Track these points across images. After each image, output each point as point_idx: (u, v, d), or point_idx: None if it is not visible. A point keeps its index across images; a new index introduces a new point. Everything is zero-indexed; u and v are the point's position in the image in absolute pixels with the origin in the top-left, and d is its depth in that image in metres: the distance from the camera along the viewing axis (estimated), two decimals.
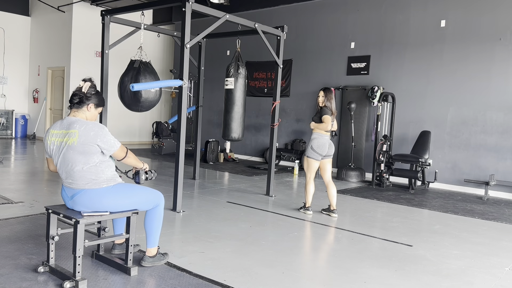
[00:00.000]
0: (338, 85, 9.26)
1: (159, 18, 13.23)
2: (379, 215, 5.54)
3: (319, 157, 5.16)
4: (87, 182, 2.84)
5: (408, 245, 4.20)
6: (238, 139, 6.23)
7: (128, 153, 3.01)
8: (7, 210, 4.65)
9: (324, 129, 5.11)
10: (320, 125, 5.12)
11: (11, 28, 12.88)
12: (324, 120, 5.07)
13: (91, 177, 2.85)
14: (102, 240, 3.17)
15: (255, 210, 5.36)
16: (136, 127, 13.59)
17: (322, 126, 5.10)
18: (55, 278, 2.90)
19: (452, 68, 7.87)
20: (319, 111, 5.22)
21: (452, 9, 7.88)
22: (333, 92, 5.32)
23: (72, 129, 2.82)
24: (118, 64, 8.71)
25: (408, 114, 8.35)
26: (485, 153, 7.53)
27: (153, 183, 6.97)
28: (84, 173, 2.83)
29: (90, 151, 2.81)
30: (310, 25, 9.80)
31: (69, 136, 2.81)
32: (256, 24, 5.85)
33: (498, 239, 4.62)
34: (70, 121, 2.88)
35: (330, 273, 3.34)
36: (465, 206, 6.35)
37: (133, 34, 6.20)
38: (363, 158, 8.84)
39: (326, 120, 5.06)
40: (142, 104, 5.80)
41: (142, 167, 3.18)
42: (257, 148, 10.84)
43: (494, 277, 3.47)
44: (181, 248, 3.72)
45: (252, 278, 3.13)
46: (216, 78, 10.93)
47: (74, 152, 2.80)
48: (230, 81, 6.03)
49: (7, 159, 8.50)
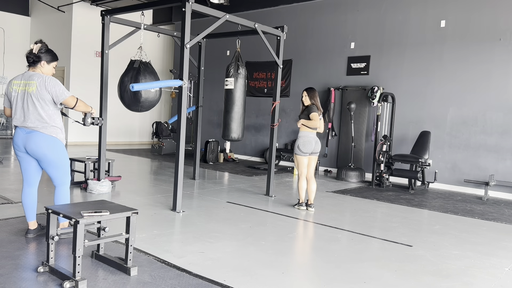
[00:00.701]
0: (338, 85, 9.26)
1: (159, 18, 13.23)
2: (379, 215, 5.54)
3: (306, 154, 5.36)
4: (40, 124, 3.48)
5: (408, 245, 4.20)
6: (238, 139, 6.24)
7: (78, 101, 3.60)
8: (7, 210, 4.65)
9: (314, 127, 5.27)
10: (309, 123, 5.27)
11: (11, 28, 12.89)
12: (313, 118, 5.23)
13: (44, 120, 3.49)
14: (102, 240, 3.17)
15: (255, 210, 5.36)
16: (136, 127, 13.59)
17: (311, 124, 5.25)
18: (54, 278, 2.90)
19: (452, 68, 7.87)
20: (306, 109, 5.37)
21: (452, 9, 7.88)
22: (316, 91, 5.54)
23: (31, 81, 3.50)
24: (118, 64, 8.72)
25: (408, 114, 8.35)
26: (485, 154, 7.53)
27: (153, 183, 6.97)
28: (38, 116, 3.48)
29: (45, 99, 3.48)
30: (310, 25, 9.80)
31: (29, 86, 3.50)
32: (256, 24, 5.85)
33: (498, 239, 4.62)
34: (30, 74, 3.55)
35: (330, 273, 3.34)
36: (465, 206, 6.36)
37: (133, 34, 6.20)
38: (363, 158, 8.83)
39: (315, 117, 5.22)
40: (142, 104, 5.80)
41: (90, 110, 3.72)
42: (257, 148, 10.84)
43: (494, 277, 3.47)
44: (181, 248, 3.72)
45: (252, 278, 3.13)
46: (216, 78, 10.93)
47: (33, 98, 3.48)
48: (230, 81, 6.03)
49: (7, 159, 8.50)
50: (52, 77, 3.56)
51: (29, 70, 3.61)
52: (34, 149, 3.52)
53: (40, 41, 3.64)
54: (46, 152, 3.53)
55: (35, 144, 3.51)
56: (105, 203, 3.24)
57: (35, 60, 3.57)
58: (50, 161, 3.57)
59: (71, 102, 3.57)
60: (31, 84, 3.49)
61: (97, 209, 3.02)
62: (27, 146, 3.53)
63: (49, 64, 3.64)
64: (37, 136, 3.51)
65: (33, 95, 3.47)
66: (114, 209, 3.07)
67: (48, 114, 3.51)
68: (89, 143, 11.99)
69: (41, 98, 3.46)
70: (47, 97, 3.48)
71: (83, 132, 11.83)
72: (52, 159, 3.57)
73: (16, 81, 3.59)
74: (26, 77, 3.55)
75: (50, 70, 3.65)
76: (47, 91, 3.47)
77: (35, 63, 3.58)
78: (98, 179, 5.95)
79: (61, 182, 3.69)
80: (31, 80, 3.50)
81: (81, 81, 11.89)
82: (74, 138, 11.97)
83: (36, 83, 3.47)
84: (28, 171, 3.68)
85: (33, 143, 3.51)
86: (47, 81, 3.49)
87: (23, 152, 3.60)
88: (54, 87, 3.49)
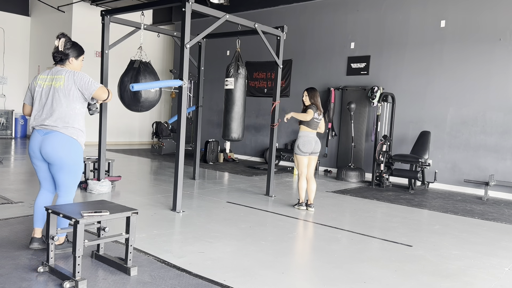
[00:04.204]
0: (338, 85, 9.26)
1: (159, 18, 13.23)
2: (378, 215, 5.54)
3: (306, 154, 5.40)
4: (61, 123, 3.19)
5: (408, 245, 4.20)
6: (238, 139, 6.24)
7: (110, 92, 3.32)
8: (7, 210, 4.65)
9: (303, 119, 5.34)
10: (299, 115, 5.36)
11: (11, 28, 12.88)
12: (307, 112, 5.33)
13: (67, 120, 3.20)
14: (102, 240, 3.17)
15: (255, 210, 5.36)
16: (136, 127, 13.58)
17: (301, 116, 5.34)
18: (54, 278, 2.90)
19: (452, 68, 7.87)
20: (306, 108, 5.47)
21: (452, 9, 7.88)
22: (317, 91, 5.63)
23: (59, 75, 3.24)
24: (118, 64, 8.71)
25: (408, 114, 8.35)
26: (485, 154, 7.53)
27: (153, 183, 6.97)
28: (62, 114, 3.19)
29: (73, 95, 3.21)
30: (310, 25, 9.80)
31: (56, 81, 3.23)
32: (256, 24, 5.85)
33: (498, 239, 4.62)
34: (58, 69, 3.29)
35: (330, 273, 3.34)
36: (464, 206, 6.35)
37: (133, 34, 6.20)
38: (363, 158, 8.83)
39: (309, 112, 5.33)
40: (142, 104, 5.80)
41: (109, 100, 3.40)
42: (257, 148, 10.84)
43: (494, 277, 3.47)
44: (181, 248, 3.72)
45: (252, 278, 3.13)
46: (216, 78, 10.93)
47: (60, 94, 3.21)
48: (230, 81, 6.03)
49: (7, 159, 8.50)
50: (80, 71, 3.30)
51: (56, 66, 3.34)
52: (49, 151, 3.18)
53: (63, 34, 3.32)
54: (62, 154, 3.19)
55: (51, 145, 3.17)
56: (105, 203, 3.24)
57: (63, 58, 3.29)
58: (64, 164, 3.22)
59: (102, 95, 3.25)
60: (58, 79, 3.22)
61: (97, 209, 3.01)
62: (43, 148, 3.20)
63: (77, 59, 3.36)
64: (55, 137, 3.18)
65: (60, 90, 3.19)
66: (114, 209, 3.06)
67: (74, 113, 3.22)
68: (89, 143, 11.96)
69: (68, 94, 3.19)
70: (76, 93, 3.20)
71: None
72: (67, 163, 3.22)
73: (43, 75, 3.31)
74: (54, 72, 3.28)
75: (79, 65, 3.38)
76: (76, 87, 3.20)
77: (63, 61, 3.30)
78: (98, 179, 5.95)
79: (68, 191, 3.33)
80: (59, 74, 3.24)
81: None
82: None
83: (64, 78, 3.20)
84: (47, 180, 3.39)
85: (49, 144, 3.18)
86: (76, 76, 3.22)
87: (40, 161, 3.27)
88: (82, 80, 3.21)
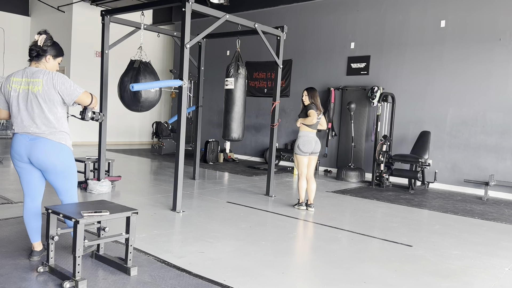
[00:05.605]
0: (338, 85, 9.26)
1: (159, 18, 13.23)
2: (379, 215, 5.54)
3: (306, 154, 5.40)
4: (47, 129, 3.03)
5: (408, 245, 4.20)
6: (238, 139, 6.24)
7: (94, 97, 3.20)
8: (7, 210, 4.65)
9: (310, 123, 5.31)
10: (305, 120, 5.33)
11: (11, 28, 12.88)
12: (310, 114, 5.29)
13: (52, 125, 3.04)
14: (102, 240, 3.17)
15: (255, 210, 5.36)
16: (136, 127, 13.59)
17: (307, 121, 5.31)
18: (54, 278, 2.90)
19: (452, 68, 7.87)
20: (305, 108, 5.44)
21: (452, 9, 7.88)
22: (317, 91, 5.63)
23: (36, 78, 3.01)
24: (118, 64, 8.71)
25: (408, 114, 8.35)
26: (485, 154, 7.53)
27: (153, 183, 6.97)
28: (45, 120, 3.02)
29: (53, 99, 3.02)
30: (310, 25, 9.80)
31: (33, 85, 3.00)
32: (256, 24, 5.85)
33: (498, 239, 4.62)
34: (33, 71, 3.05)
35: (330, 273, 3.34)
36: (465, 206, 6.35)
37: (133, 34, 6.20)
38: (363, 158, 8.83)
39: (312, 114, 5.28)
40: (142, 104, 5.80)
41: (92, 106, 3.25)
42: (257, 148, 10.84)
43: (494, 277, 3.47)
44: (181, 248, 3.72)
45: (252, 278, 3.13)
46: (216, 78, 10.93)
47: (39, 99, 3.00)
48: (230, 81, 6.03)
49: (7, 159, 8.50)
50: (59, 73, 3.08)
51: (30, 66, 3.10)
52: (42, 159, 3.04)
53: (45, 31, 3.13)
54: (55, 161, 3.07)
55: (43, 153, 3.03)
56: (105, 203, 3.24)
57: (40, 54, 3.07)
58: (59, 171, 3.11)
59: (86, 100, 3.12)
60: (35, 83, 2.99)
61: (97, 209, 3.01)
62: (32, 155, 3.04)
63: (55, 59, 3.16)
64: (44, 144, 3.03)
65: (39, 95, 2.98)
66: (114, 209, 3.06)
67: (56, 117, 3.05)
68: (89, 143, 11.98)
69: (48, 99, 2.99)
70: (56, 97, 3.01)
71: (83, 132, 11.82)
72: (61, 170, 3.11)
73: (16, 78, 3.04)
74: (29, 74, 3.03)
75: (55, 66, 3.17)
76: (55, 91, 3.00)
77: (39, 57, 3.08)
78: (98, 179, 5.95)
79: (69, 194, 3.25)
80: (36, 77, 3.00)
81: (81, 81, 11.87)
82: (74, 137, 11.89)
83: (42, 82, 2.98)
84: (31, 184, 3.17)
85: (40, 152, 3.03)
86: (55, 79, 3.01)
87: (25, 163, 3.10)
88: (63, 84, 3.02)
